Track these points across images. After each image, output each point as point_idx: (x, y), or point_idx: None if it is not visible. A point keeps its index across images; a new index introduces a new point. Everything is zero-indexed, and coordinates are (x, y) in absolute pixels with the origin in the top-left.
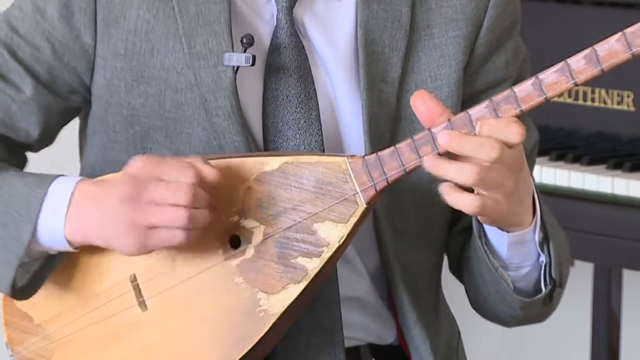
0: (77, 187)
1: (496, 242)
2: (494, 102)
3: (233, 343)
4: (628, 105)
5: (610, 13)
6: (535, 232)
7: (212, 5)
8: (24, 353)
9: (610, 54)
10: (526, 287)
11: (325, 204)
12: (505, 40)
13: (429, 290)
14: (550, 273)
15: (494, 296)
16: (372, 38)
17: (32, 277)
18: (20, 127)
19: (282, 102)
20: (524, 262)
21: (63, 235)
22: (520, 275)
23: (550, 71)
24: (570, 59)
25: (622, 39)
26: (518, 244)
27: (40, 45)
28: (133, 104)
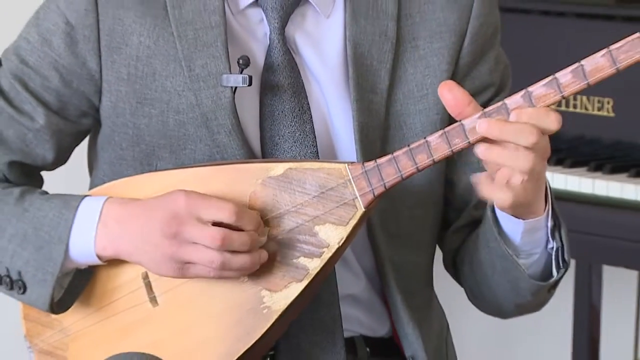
0: (104, 207)
1: (510, 231)
2: (487, 113)
3: (238, 337)
4: (608, 111)
5: (591, 25)
6: (548, 220)
7: (208, 30)
8: (41, 345)
9: (596, 69)
10: (535, 273)
11: (326, 208)
12: (488, 49)
13: (421, 288)
14: (563, 257)
15: (504, 285)
16: (360, 52)
17: (66, 290)
18: (36, 153)
19: (278, 117)
20: (535, 249)
21: (94, 253)
22: (530, 263)
23: (539, 84)
24: (558, 73)
25: (608, 55)
26: (531, 232)
27: (49, 75)
28: (138, 124)
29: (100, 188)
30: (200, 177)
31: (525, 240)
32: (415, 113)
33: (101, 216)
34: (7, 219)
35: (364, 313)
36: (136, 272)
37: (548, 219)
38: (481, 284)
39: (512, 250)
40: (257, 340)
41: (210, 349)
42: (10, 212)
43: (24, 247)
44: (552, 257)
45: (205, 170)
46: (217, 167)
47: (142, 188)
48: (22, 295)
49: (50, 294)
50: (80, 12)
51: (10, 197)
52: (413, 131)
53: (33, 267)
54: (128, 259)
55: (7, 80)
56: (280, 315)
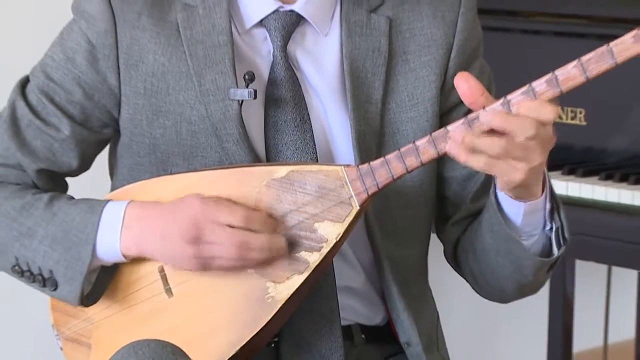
0: (126, 211)
1: (512, 214)
2: (469, 118)
3: (245, 325)
4: (580, 121)
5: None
6: (546, 202)
7: (217, 48)
8: (68, 333)
9: (568, 78)
10: (535, 252)
11: (324, 206)
12: (473, 60)
13: (416, 280)
14: (564, 235)
15: (508, 266)
16: (356, 66)
17: (94, 285)
18: (62, 161)
19: (281, 126)
20: (534, 230)
21: (119, 251)
22: (531, 244)
23: (517, 93)
24: (534, 82)
25: (579, 65)
26: (531, 213)
27: (73, 90)
28: (154, 134)
29: (121, 190)
30: (210, 180)
31: (525, 222)
32: (407, 120)
33: (124, 219)
34: (38, 222)
35: (361, 303)
36: (153, 266)
37: (546, 202)
38: (485, 270)
39: (514, 232)
40: (262, 327)
41: (221, 335)
42: (41, 217)
43: (54, 248)
44: (550, 239)
45: (215, 174)
46: (225, 170)
47: (159, 190)
48: (54, 292)
49: (80, 290)
50: (100, 33)
51: (40, 203)
52: (405, 137)
53: (63, 266)
54: (150, 257)
55: (34, 95)
56: (284, 304)
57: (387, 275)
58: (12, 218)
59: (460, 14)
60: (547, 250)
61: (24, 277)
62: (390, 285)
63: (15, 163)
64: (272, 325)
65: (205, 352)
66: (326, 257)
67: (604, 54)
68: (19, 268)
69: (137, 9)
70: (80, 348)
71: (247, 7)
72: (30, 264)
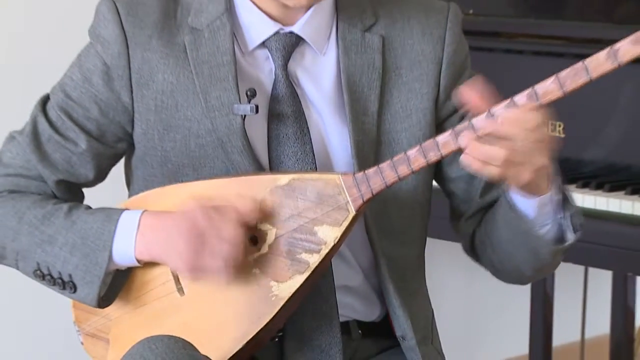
0: (141, 220)
1: (525, 209)
2: (455, 130)
3: (251, 321)
4: (559, 133)
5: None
6: (553, 194)
7: (221, 67)
8: (88, 329)
9: (546, 92)
10: (549, 239)
11: (323, 211)
12: (463, 70)
13: (413, 277)
14: (577, 220)
15: (526, 255)
16: (353, 81)
17: (109, 287)
18: (80, 173)
19: (283, 139)
20: (546, 220)
21: (134, 257)
22: (544, 232)
23: (500, 106)
24: (515, 97)
25: (556, 81)
26: (543, 206)
27: (90, 107)
28: (165, 147)
29: (137, 197)
30: (218, 187)
31: (537, 214)
32: (401, 130)
33: (139, 227)
34: (58, 230)
35: (358, 301)
36: (165, 268)
37: (554, 194)
38: (504, 259)
39: (529, 225)
40: (267, 323)
41: (229, 330)
42: (61, 225)
43: (74, 254)
44: (561, 226)
45: (222, 181)
46: (232, 178)
47: (171, 197)
48: (73, 294)
49: (98, 292)
50: (114, 55)
51: (60, 212)
52: (400, 146)
53: (82, 270)
54: (159, 261)
55: (54, 112)
56: (286, 302)
57: (384, 274)
58: (35, 226)
59: (447, 30)
60: (560, 236)
61: (45, 281)
62: (387, 282)
63: (36, 175)
64: (276, 321)
65: (214, 347)
66: (325, 258)
67: (579, 70)
68: (40, 272)
69: (147, 32)
70: (99, 343)
71: (250, 30)
72: (51, 268)
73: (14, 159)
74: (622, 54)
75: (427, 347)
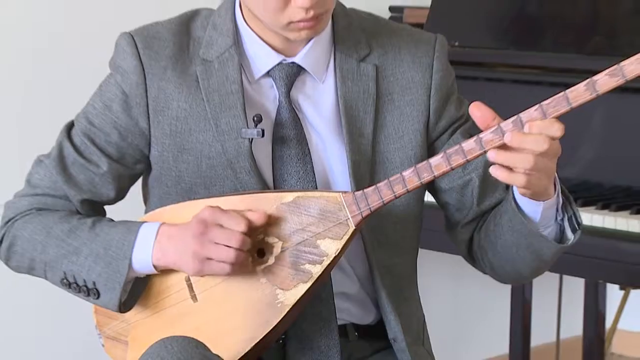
0: (159, 231)
1: (531, 213)
2: (447, 153)
3: (259, 325)
4: None
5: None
6: (558, 198)
7: (230, 95)
8: (108, 332)
9: (530, 120)
10: (552, 239)
11: (325, 226)
12: (450, 94)
13: (405, 285)
14: (577, 221)
15: (528, 257)
16: (349, 106)
17: (129, 294)
18: (102, 192)
19: (286, 160)
20: (549, 222)
21: (151, 264)
22: (547, 232)
23: (488, 132)
24: (502, 123)
25: (540, 109)
26: (548, 209)
27: (110, 132)
28: (179, 168)
29: (154, 212)
30: (228, 203)
31: (542, 217)
32: (394, 150)
33: (157, 236)
34: (83, 242)
35: (355, 306)
36: (180, 277)
37: (558, 197)
38: (505, 262)
39: (534, 227)
40: (273, 327)
41: (238, 334)
42: (85, 237)
43: (97, 263)
44: (561, 227)
45: (232, 198)
46: (241, 196)
47: (185, 212)
48: (97, 300)
49: (119, 298)
50: (132, 85)
51: (84, 226)
52: (394, 164)
53: (104, 278)
54: (173, 266)
55: (78, 137)
56: (291, 309)
57: (379, 282)
58: (61, 239)
59: (434, 58)
60: (559, 236)
61: (71, 289)
62: (381, 290)
63: (62, 194)
64: (281, 326)
65: (224, 348)
66: (327, 268)
67: (561, 99)
68: (66, 281)
69: (163, 64)
70: (119, 345)
71: (255, 61)
72: (76, 277)
73: (41, 180)
74: (600, 85)
75: (419, 348)
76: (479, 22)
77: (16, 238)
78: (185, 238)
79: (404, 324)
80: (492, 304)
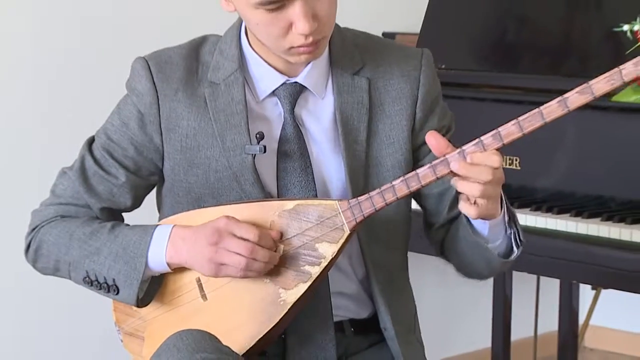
0: (172, 231)
1: (480, 229)
2: (433, 165)
3: (262, 322)
4: (516, 166)
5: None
6: (504, 216)
7: (235, 115)
8: (126, 329)
9: (508, 133)
10: (500, 252)
11: (323, 231)
12: (435, 106)
13: (397, 279)
14: (519, 238)
15: (481, 262)
16: (345, 116)
17: (146, 292)
18: (120, 201)
19: (289, 171)
20: (497, 236)
21: (165, 262)
22: (496, 245)
23: (470, 145)
24: (483, 137)
25: (517, 124)
26: (494, 227)
27: (127, 147)
28: (189, 180)
29: (167, 219)
30: (235, 211)
31: (491, 232)
32: (386, 156)
33: (170, 237)
34: (103, 243)
35: (351, 302)
36: (192, 277)
37: (504, 216)
38: (464, 263)
39: (483, 241)
40: (275, 323)
41: (244, 330)
42: (105, 238)
43: (117, 261)
44: (511, 240)
45: (238, 206)
46: (246, 204)
47: (195, 219)
48: (116, 296)
49: (137, 293)
50: (147, 105)
51: (104, 229)
52: (385, 168)
53: (123, 275)
54: (185, 265)
55: (99, 152)
56: (292, 306)
57: (372, 277)
58: (83, 241)
59: (421, 72)
60: (509, 249)
61: (93, 286)
62: (374, 284)
63: (83, 203)
64: (283, 322)
65: (232, 343)
66: (325, 269)
67: (536, 115)
68: (88, 279)
69: (174, 86)
70: (136, 340)
71: (261, 82)
72: (98, 275)
73: (65, 190)
74: (571, 102)
75: (410, 336)
76: (464, 47)
77: (42, 242)
78: (200, 242)
79: (395, 315)
80: (476, 302)
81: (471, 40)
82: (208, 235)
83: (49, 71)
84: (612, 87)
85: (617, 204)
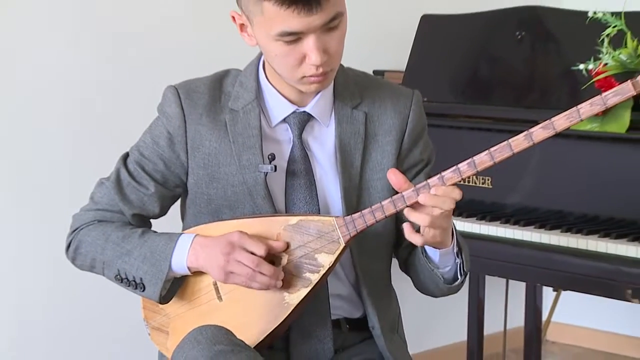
0: (194, 240)
1: (432, 255)
2: (416, 188)
3: (270, 320)
4: (488, 185)
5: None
6: (454, 247)
7: (251, 138)
8: (153, 324)
9: (481, 162)
10: (449, 277)
11: (322, 243)
12: (419, 139)
13: (382, 285)
14: (463, 268)
15: (431, 284)
16: (344, 143)
17: (169, 290)
18: (149, 209)
19: (296, 188)
20: (447, 263)
21: (185, 266)
22: (446, 271)
23: (448, 171)
24: (459, 164)
25: (489, 154)
26: (444, 255)
27: (157, 162)
28: (210, 194)
29: (189, 230)
30: (247, 224)
31: (441, 260)
32: (376, 180)
33: (192, 244)
34: (134, 246)
35: (346, 304)
36: (209, 281)
37: (454, 247)
38: (419, 282)
39: (433, 266)
40: (281, 322)
41: (253, 327)
42: (136, 243)
43: (144, 263)
44: (458, 268)
45: (250, 220)
46: (256, 218)
47: (214, 230)
48: (142, 292)
49: (160, 291)
50: (175, 127)
51: (135, 234)
52: (376, 190)
53: (149, 275)
54: (202, 269)
55: (132, 165)
56: (295, 307)
57: (362, 282)
58: (117, 243)
59: (411, 110)
60: (457, 275)
61: (122, 283)
62: (363, 289)
63: (118, 209)
64: (287, 321)
65: (244, 338)
66: (323, 276)
67: (505, 147)
68: (119, 276)
69: (199, 111)
70: (161, 334)
71: (274, 110)
72: (127, 274)
73: (102, 198)
74: (535, 136)
75: (394, 335)
76: (443, 82)
77: (81, 242)
78: (215, 251)
79: (381, 316)
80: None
81: (449, 76)
82: (222, 246)
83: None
84: (571, 123)
85: (574, 217)
